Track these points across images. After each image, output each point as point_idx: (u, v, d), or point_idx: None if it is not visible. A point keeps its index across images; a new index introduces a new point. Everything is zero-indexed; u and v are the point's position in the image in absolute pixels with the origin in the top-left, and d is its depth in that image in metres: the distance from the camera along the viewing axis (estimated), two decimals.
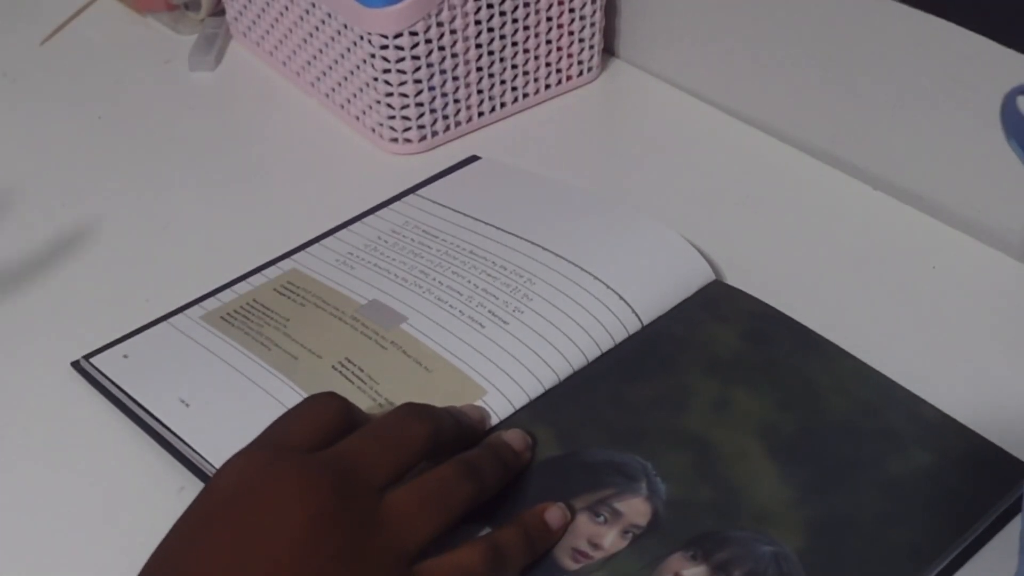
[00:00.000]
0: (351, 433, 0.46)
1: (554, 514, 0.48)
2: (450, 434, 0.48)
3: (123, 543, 0.48)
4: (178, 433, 0.52)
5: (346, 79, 0.72)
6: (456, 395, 0.53)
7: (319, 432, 0.45)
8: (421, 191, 0.67)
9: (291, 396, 0.53)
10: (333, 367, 0.54)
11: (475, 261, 0.60)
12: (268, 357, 0.55)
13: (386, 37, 0.67)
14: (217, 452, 0.50)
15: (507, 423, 0.52)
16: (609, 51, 0.80)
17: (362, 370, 0.54)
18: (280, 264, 0.62)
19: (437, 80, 0.70)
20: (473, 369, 0.54)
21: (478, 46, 0.70)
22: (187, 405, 0.53)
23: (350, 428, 0.46)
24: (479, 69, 0.71)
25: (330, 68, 0.73)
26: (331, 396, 0.47)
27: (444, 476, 0.46)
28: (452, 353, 0.55)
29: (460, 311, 0.57)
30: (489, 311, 0.57)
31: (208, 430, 0.52)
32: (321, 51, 0.73)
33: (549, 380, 0.54)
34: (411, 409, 0.47)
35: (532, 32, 0.72)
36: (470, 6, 0.68)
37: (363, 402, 0.52)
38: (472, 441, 0.50)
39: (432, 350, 0.55)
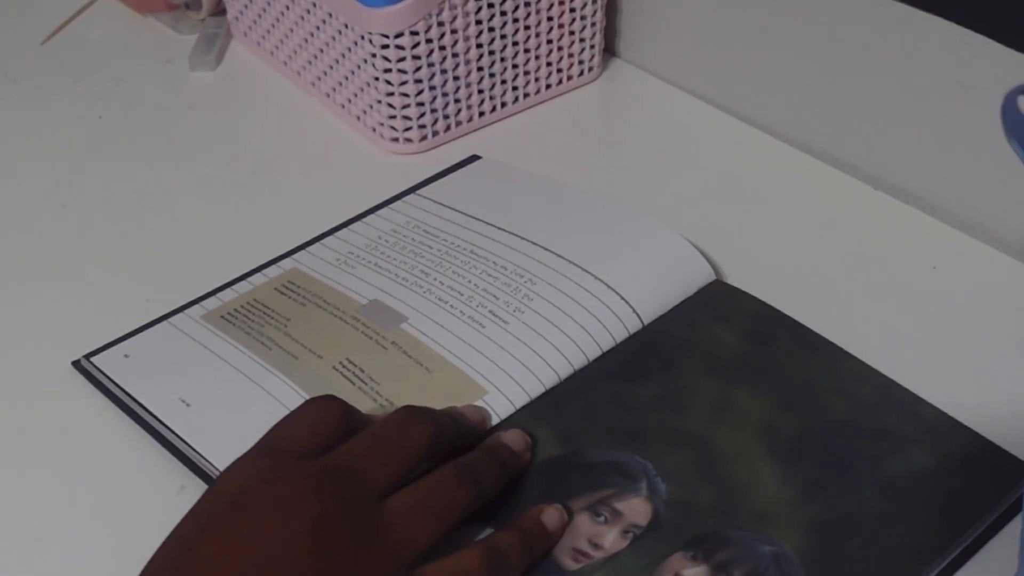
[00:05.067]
0: (351, 436, 0.46)
1: (551, 516, 0.48)
2: (450, 436, 0.48)
3: (123, 543, 0.48)
4: (178, 433, 0.52)
5: (347, 79, 0.72)
6: (457, 395, 0.53)
7: (319, 436, 0.45)
8: (422, 191, 0.67)
9: (291, 396, 0.53)
10: (333, 367, 0.54)
11: (476, 261, 0.60)
12: (268, 356, 0.55)
13: (387, 37, 0.67)
14: (217, 452, 0.51)
15: (508, 423, 0.52)
16: (609, 51, 0.80)
17: (363, 370, 0.54)
18: (281, 263, 0.62)
19: (438, 80, 0.70)
20: (474, 369, 0.54)
21: (479, 46, 0.70)
22: (187, 405, 0.53)
23: (350, 431, 0.46)
24: (480, 69, 0.71)
25: (331, 68, 0.73)
26: (331, 400, 0.47)
27: (443, 481, 0.46)
28: (453, 353, 0.55)
29: (461, 311, 0.57)
30: (490, 311, 0.57)
31: (208, 430, 0.52)
32: (322, 51, 0.73)
33: (550, 380, 0.54)
34: (411, 412, 0.47)
35: (533, 32, 0.72)
36: (471, 6, 0.68)
37: (364, 402, 0.52)
38: (472, 442, 0.50)
39: (433, 350, 0.55)
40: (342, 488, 0.43)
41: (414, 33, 0.67)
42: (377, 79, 0.69)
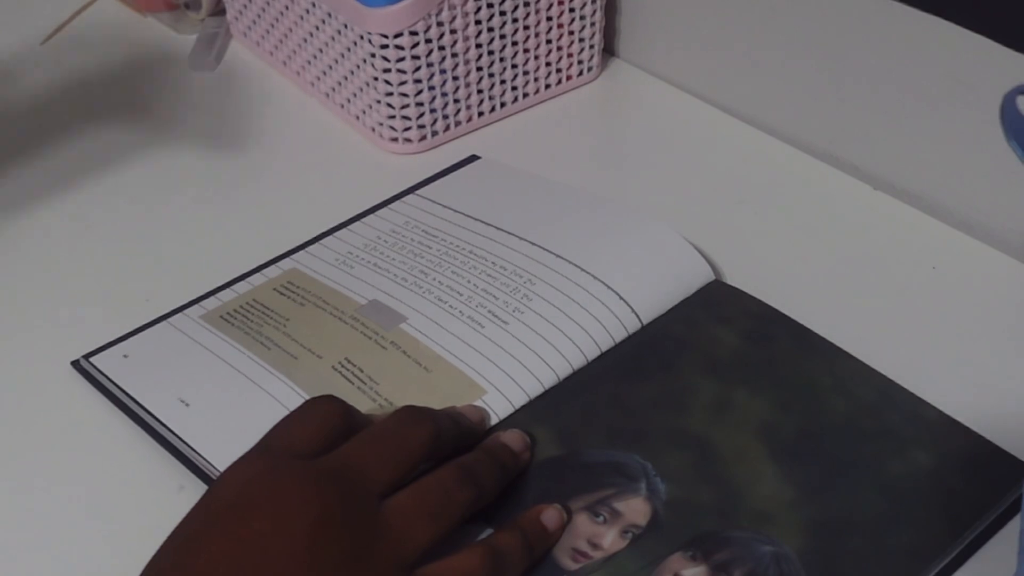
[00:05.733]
0: (351, 436, 0.46)
1: (550, 516, 0.48)
2: (450, 436, 0.48)
3: (123, 543, 0.48)
4: (178, 433, 0.52)
5: (346, 79, 0.72)
6: (456, 395, 0.53)
7: (319, 437, 0.45)
8: (421, 191, 0.67)
9: (291, 396, 0.53)
10: (333, 367, 0.54)
11: (475, 261, 0.60)
12: (268, 357, 0.55)
13: (386, 37, 0.67)
14: (217, 452, 0.51)
15: (507, 423, 0.52)
16: (609, 51, 0.80)
17: (362, 370, 0.54)
18: (280, 264, 0.62)
19: (437, 80, 0.70)
20: (473, 369, 0.54)
21: (478, 46, 0.70)
22: (187, 405, 0.53)
23: (350, 432, 0.46)
24: (479, 69, 0.71)
25: (330, 68, 0.73)
26: (331, 400, 0.47)
27: (443, 482, 0.46)
28: (452, 353, 0.55)
29: (460, 311, 0.57)
30: (489, 311, 0.57)
31: (208, 430, 0.52)
32: (321, 51, 0.73)
33: (549, 380, 0.54)
34: (410, 413, 0.47)
35: (532, 32, 0.72)
36: (470, 6, 0.68)
37: (363, 402, 0.52)
38: (472, 442, 0.50)
39: (432, 350, 0.55)
40: (342, 489, 0.43)
41: (413, 33, 0.67)
42: (376, 79, 0.69)
